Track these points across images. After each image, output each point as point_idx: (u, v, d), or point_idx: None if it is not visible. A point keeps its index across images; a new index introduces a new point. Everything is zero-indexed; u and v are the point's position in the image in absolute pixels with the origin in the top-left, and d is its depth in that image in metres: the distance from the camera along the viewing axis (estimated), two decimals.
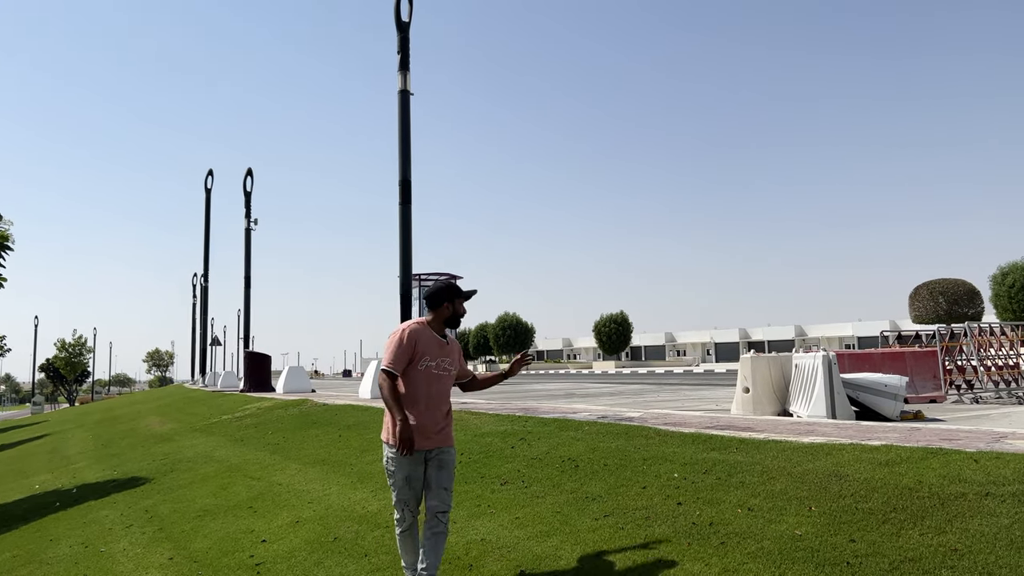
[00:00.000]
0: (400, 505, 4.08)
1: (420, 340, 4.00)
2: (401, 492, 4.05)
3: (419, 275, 33.13)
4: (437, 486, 4.04)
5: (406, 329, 4.01)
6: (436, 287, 4.17)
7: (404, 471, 4.01)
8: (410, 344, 3.97)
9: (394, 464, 4.02)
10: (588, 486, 5.76)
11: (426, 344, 4.02)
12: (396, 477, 4.03)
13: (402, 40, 14.85)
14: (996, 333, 14.20)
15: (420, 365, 4.00)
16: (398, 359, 3.95)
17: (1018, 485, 4.30)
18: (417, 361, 3.99)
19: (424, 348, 4.01)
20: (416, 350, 3.98)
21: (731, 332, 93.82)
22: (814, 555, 3.81)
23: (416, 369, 4.00)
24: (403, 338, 3.97)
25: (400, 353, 3.95)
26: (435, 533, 3.99)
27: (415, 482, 4.04)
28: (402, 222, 14.76)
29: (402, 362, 3.95)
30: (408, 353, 3.96)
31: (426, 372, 4.03)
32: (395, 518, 4.16)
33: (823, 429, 7.29)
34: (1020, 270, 45.72)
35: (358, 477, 7.61)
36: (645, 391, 21.15)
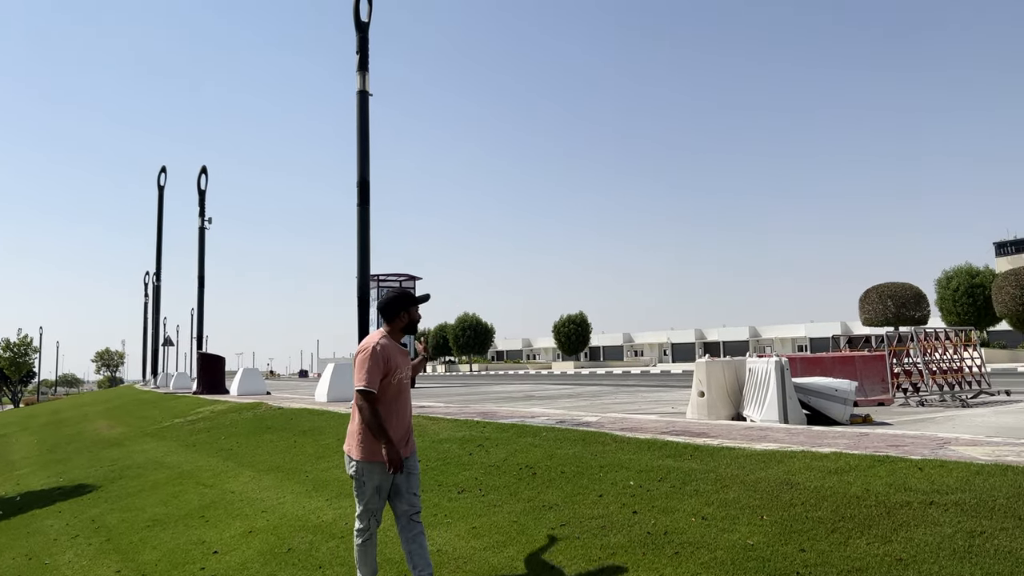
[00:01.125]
0: (367, 515, 4.07)
1: (391, 355, 3.98)
2: (371, 502, 4.04)
3: (377, 276, 32.89)
4: (408, 492, 4.07)
5: (376, 345, 3.94)
6: (390, 297, 4.13)
7: (376, 481, 3.99)
8: (383, 359, 3.93)
9: (366, 475, 3.98)
10: (545, 494, 5.78)
11: (395, 357, 4.01)
12: (367, 488, 4.00)
13: (361, 40, 14.72)
14: (941, 338, 14.61)
15: (393, 379, 3.99)
16: (374, 377, 3.89)
17: (961, 494, 4.43)
18: (391, 375, 3.97)
19: (395, 362, 4.00)
20: (389, 365, 3.95)
21: (687, 333, 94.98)
22: (765, 565, 3.88)
23: (390, 383, 3.98)
24: (376, 355, 3.91)
25: (376, 370, 3.90)
26: (416, 535, 4.03)
27: (385, 491, 4.06)
28: (360, 223, 14.63)
29: (377, 380, 3.91)
30: (382, 369, 3.92)
31: (398, 384, 4.03)
32: (358, 528, 4.12)
33: (775, 435, 7.43)
34: (964, 274, 47.16)
35: (313, 485, 7.52)
36: (603, 393, 21.29)
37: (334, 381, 17.12)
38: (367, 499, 4.03)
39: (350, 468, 4.06)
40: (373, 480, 3.99)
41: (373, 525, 4.11)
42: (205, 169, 30.15)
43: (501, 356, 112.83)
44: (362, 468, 3.98)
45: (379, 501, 4.07)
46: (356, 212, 14.64)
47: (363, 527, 4.10)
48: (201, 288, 29.10)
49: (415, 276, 34.29)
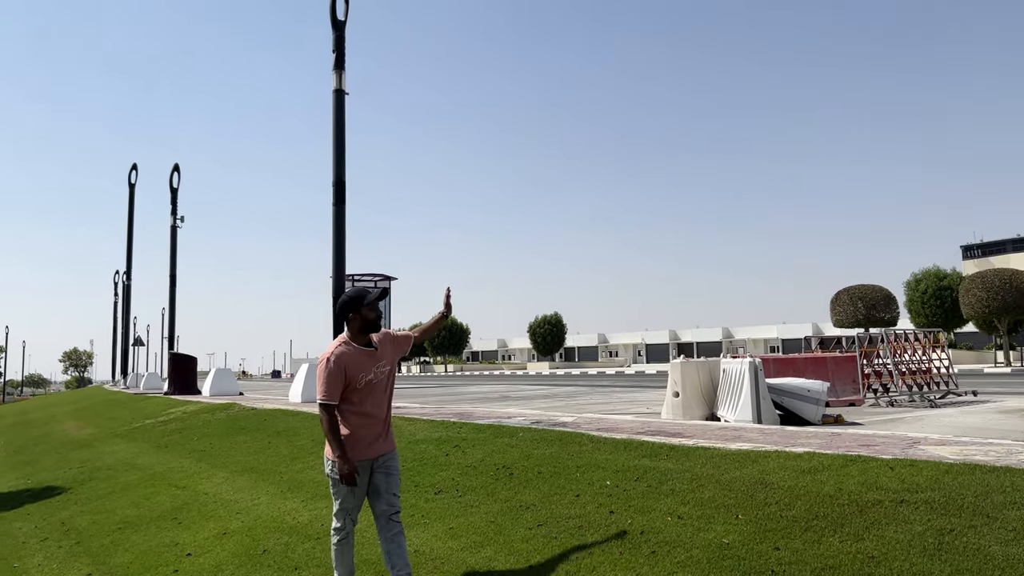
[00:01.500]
0: (342, 514, 4.07)
1: (349, 363, 3.94)
2: (345, 501, 4.05)
3: (353, 276, 32.70)
4: (387, 492, 4.06)
5: (331, 357, 3.92)
6: (340, 303, 4.08)
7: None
8: (339, 370, 3.90)
9: (339, 473, 3.97)
10: (522, 495, 5.79)
11: (356, 363, 3.96)
12: (342, 487, 4.01)
13: (337, 39, 14.63)
14: (910, 339, 14.87)
15: (359, 383, 3.97)
16: (332, 389, 3.90)
17: (930, 493, 4.52)
18: (355, 380, 3.95)
19: (356, 368, 3.96)
20: (347, 374, 3.92)
21: (661, 334, 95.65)
22: (741, 563, 3.92)
23: (357, 387, 3.96)
24: (332, 366, 3.89)
25: (332, 382, 3.89)
26: (395, 535, 4.02)
27: (360, 490, 4.05)
28: (335, 222, 14.54)
29: (336, 390, 3.91)
30: (340, 379, 3.90)
31: (366, 386, 4.00)
32: (334, 527, 4.12)
33: (749, 435, 7.51)
34: (932, 277, 48.04)
35: (288, 486, 7.46)
36: (578, 393, 21.38)
37: (308, 382, 17.00)
38: (342, 498, 4.04)
39: (327, 467, 4.07)
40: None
41: (349, 525, 4.11)
42: (177, 167, 29.78)
43: (476, 357, 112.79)
44: (337, 468, 3.98)
45: (355, 500, 4.06)
46: (332, 212, 14.55)
47: (339, 526, 4.10)
48: (173, 287, 28.73)
49: (390, 276, 34.15)
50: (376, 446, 4.06)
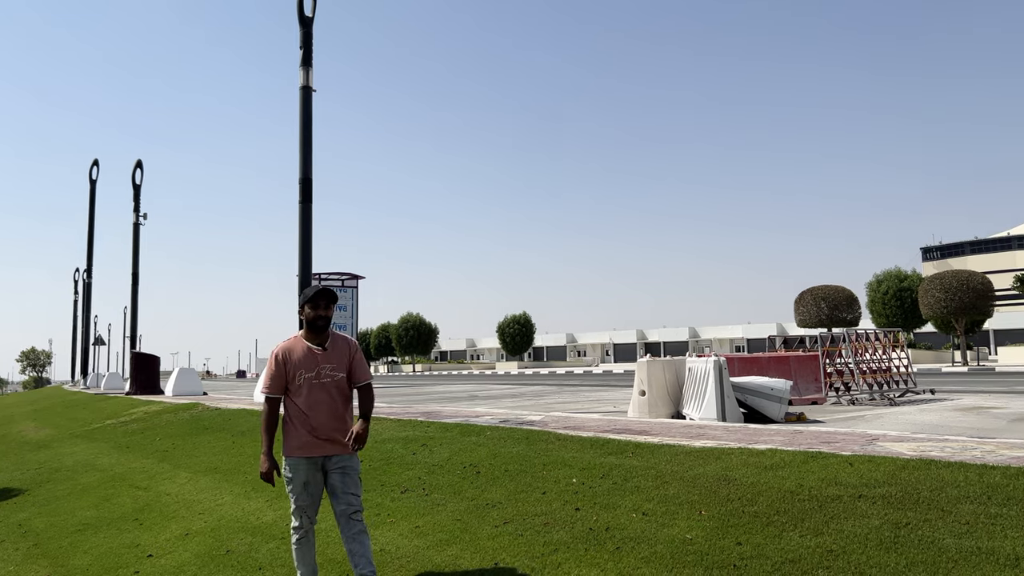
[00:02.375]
0: (298, 512, 4.05)
1: (291, 358, 4.01)
2: (300, 498, 4.01)
3: (319, 274, 32.39)
4: (343, 492, 4.01)
5: (277, 350, 4.04)
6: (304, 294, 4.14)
7: (302, 476, 3.98)
8: (280, 364, 4.00)
9: (291, 469, 3.98)
10: (489, 493, 5.80)
11: (299, 359, 4.01)
12: (294, 483, 4.00)
13: (305, 35, 14.51)
14: (871, 339, 15.17)
15: (298, 380, 4.00)
16: (273, 382, 4.01)
17: (887, 488, 4.62)
18: (293, 377, 4.00)
19: (297, 364, 4.00)
20: (287, 369, 4.00)
21: (629, 333, 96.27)
22: (703, 558, 3.97)
23: (296, 384, 4.00)
24: (274, 360, 4.02)
25: (273, 376, 4.01)
26: (356, 534, 3.98)
27: (313, 488, 4.02)
28: (302, 220, 14.42)
29: (278, 384, 4.00)
30: (281, 373, 4.00)
31: (306, 384, 4.01)
32: (293, 526, 4.09)
33: (713, 432, 7.60)
34: (893, 278, 49.00)
35: (252, 486, 7.38)
36: (546, 392, 21.45)
37: None
38: (296, 495, 4.01)
39: (282, 466, 4.07)
40: (299, 475, 3.98)
41: (307, 523, 4.08)
42: (140, 163, 29.25)
43: (445, 356, 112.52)
44: (288, 464, 4.00)
45: (308, 498, 4.02)
46: (298, 210, 14.43)
47: (297, 525, 4.07)
48: (135, 285, 28.23)
49: (358, 275, 33.84)
50: (326, 446, 4.01)
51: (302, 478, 3.98)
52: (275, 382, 4.00)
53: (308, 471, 3.98)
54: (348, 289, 33.49)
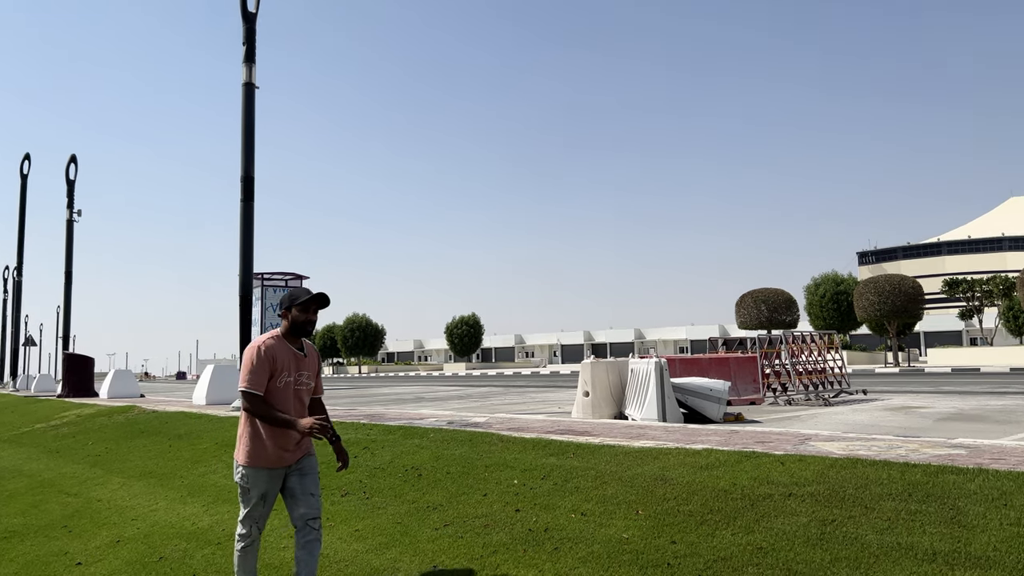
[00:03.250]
0: (249, 522, 3.87)
1: (277, 355, 3.78)
2: (254, 509, 3.84)
3: (262, 274, 31.78)
4: (303, 492, 3.87)
5: (262, 344, 3.76)
6: (284, 295, 4.00)
7: (261, 488, 3.81)
8: (268, 359, 3.74)
9: (250, 481, 3.79)
10: (430, 495, 5.80)
11: (283, 358, 3.81)
12: (252, 495, 3.81)
13: (248, 31, 14.25)
14: (807, 341, 15.61)
15: (279, 382, 3.79)
16: (258, 378, 3.71)
17: (816, 486, 4.78)
18: (276, 377, 3.78)
19: (282, 363, 3.79)
20: (275, 366, 3.76)
21: (576, 335, 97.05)
22: (639, 557, 4.05)
23: (275, 385, 3.78)
24: (260, 354, 3.73)
25: (259, 370, 3.71)
26: (308, 542, 3.82)
27: (271, 499, 3.87)
28: (243, 219, 14.16)
29: (262, 380, 3.71)
30: (267, 369, 3.73)
31: (285, 388, 3.82)
32: (240, 533, 3.91)
33: (653, 432, 7.74)
34: (830, 282, 50.49)
35: (188, 491, 7.23)
36: (493, 393, 21.49)
37: (214, 383, 16.50)
38: (252, 506, 3.84)
39: (236, 474, 3.86)
40: (259, 487, 3.80)
41: (255, 532, 3.93)
42: (75, 158, 28.31)
43: (392, 358, 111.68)
44: (247, 474, 3.79)
45: (264, 508, 3.88)
46: (240, 208, 14.16)
47: (245, 532, 3.89)
48: (68, 284, 27.29)
49: (302, 275, 33.28)
50: (292, 453, 3.87)
51: (261, 489, 3.81)
52: (260, 378, 3.69)
53: (269, 483, 3.81)
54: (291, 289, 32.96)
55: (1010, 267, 79.95)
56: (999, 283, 47.85)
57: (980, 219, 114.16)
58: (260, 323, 31.31)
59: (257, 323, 30.84)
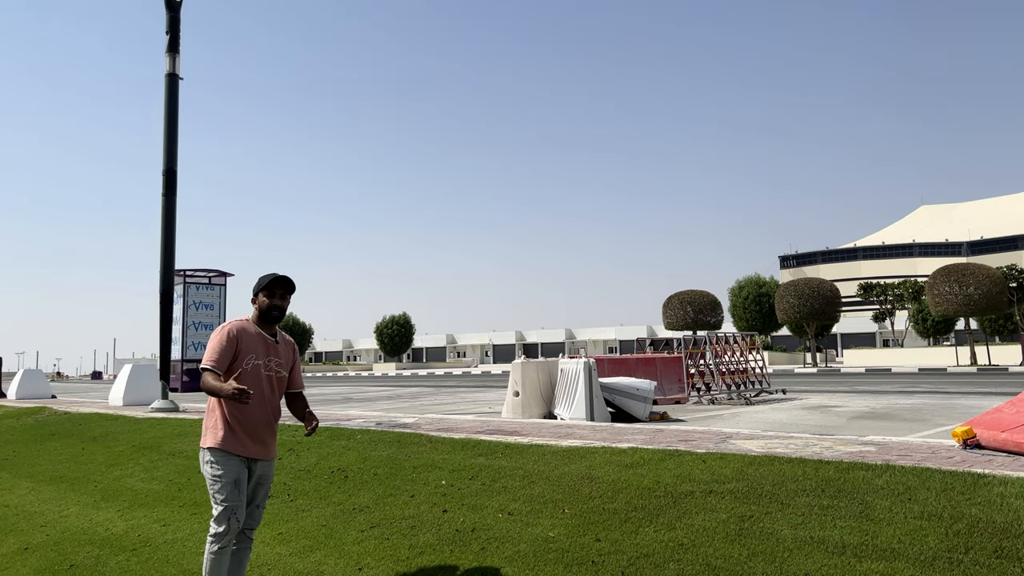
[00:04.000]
0: (227, 513, 3.63)
1: (243, 337, 3.72)
2: (230, 497, 3.63)
3: (184, 271, 30.83)
4: (252, 503, 3.82)
5: (228, 326, 3.73)
6: (258, 279, 3.86)
7: (233, 473, 3.64)
8: (232, 341, 3.68)
9: (222, 466, 3.62)
10: (356, 497, 5.73)
11: (250, 342, 3.74)
12: (224, 480, 3.62)
13: (172, 20, 13.79)
14: (731, 341, 16.06)
15: (246, 364, 3.70)
16: (220, 356, 3.64)
17: (735, 483, 4.93)
18: (242, 359, 3.69)
19: (248, 345, 3.72)
20: (239, 347, 3.69)
21: (508, 334, 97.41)
22: (564, 555, 4.10)
23: (243, 368, 3.69)
24: (226, 335, 3.69)
25: (222, 350, 3.64)
26: (240, 550, 3.81)
27: (243, 486, 3.69)
28: (165, 214, 13.70)
29: (225, 360, 3.64)
30: (230, 350, 3.67)
31: (254, 371, 3.72)
32: (215, 532, 3.62)
33: (581, 432, 7.83)
34: (753, 284, 52.07)
35: (102, 495, 6.96)
36: (423, 394, 21.36)
37: (132, 383, 15.91)
38: (226, 494, 3.62)
39: (204, 463, 3.69)
40: (231, 471, 3.64)
41: (235, 526, 3.64)
42: None
43: (320, 357, 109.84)
44: (218, 458, 3.64)
45: (239, 497, 3.66)
46: (161, 203, 13.70)
47: (222, 530, 3.62)
48: None
49: (226, 272, 32.44)
50: (260, 446, 3.77)
51: (233, 475, 3.64)
52: (223, 357, 3.63)
53: (239, 469, 3.67)
54: (215, 286, 32.07)
55: (920, 272, 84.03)
56: (909, 287, 50.24)
57: (893, 226, 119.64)
58: (182, 321, 30.37)
59: (179, 321, 29.93)
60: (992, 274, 35.78)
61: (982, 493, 4.24)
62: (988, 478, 4.49)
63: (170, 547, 5.16)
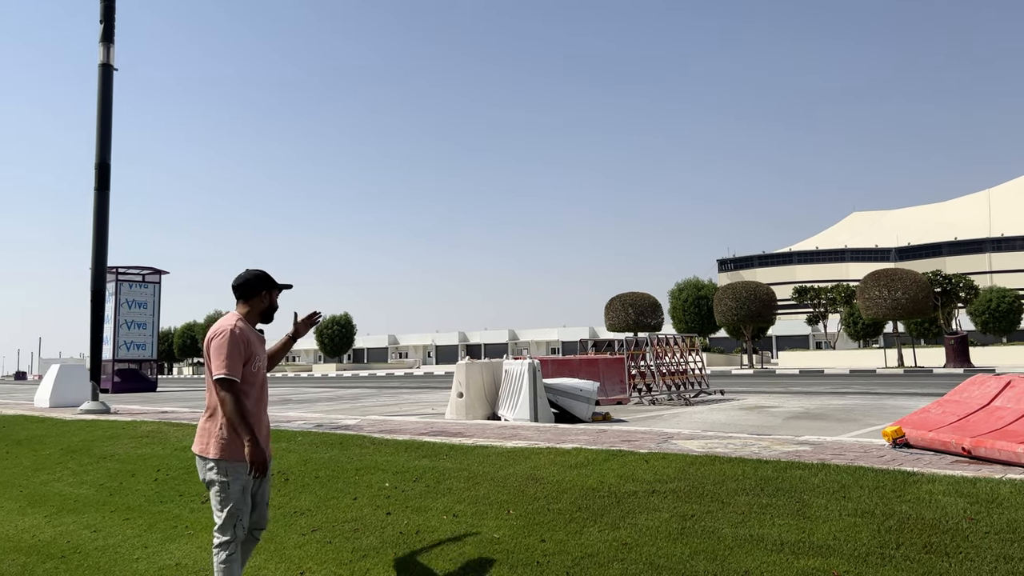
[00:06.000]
0: (231, 523, 3.52)
1: (251, 338, 3.57)
2: (237, 504, 3.53)
3: (116, 268, 29.83)
4: (261, 500, 3.73)
5: (235, 328, 3.52)
6: (252, 275, 3.70)
7: (241, 481, 3.53)
8: (244, 343, 3.51)
9: (230, 475, 3.49)
10: (297, 500, 5.63)
11: (254, 341, 3.61)
12: (232, 489, 3.50)
13: (106, 9, 13.33)
14: (671, 343, 16.32)
15: (254, 366, 3.57)
16: (236, 363, 3.45)
17: (677, 483, 5.00)
18: (251, 362, 3.55)
19: (254, 346, 3.59)
20: (250, 350, 3.54)
21: (451, 335, 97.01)
22: (509, 556, 4.10)
23: (250, 371, 3.55)
24: (236, 338, 3.48)
25: (238, 355, 3.46)
26: (249, 550, 3.79)
27: (248, 492, 3.59)
28: (97, 209, 13.25)
29: (239, 366, 3.47)
30: (244, 354, 3.50)
31: (258, 373, 3.61)
32: (222, 541, 3.52)
33: (525, 433, 7.85)
34: (692, 287, 53.07)
35: (28, 501, 6.67)
36: (365, 395, 21.11)
37: (60, 383, 15.32)
38: (233, 503, 3.51)
39: (208, 471, 3.52)
40: (239, 480, 3.51)
41: (240, 534, 3.56)
42: None
43: None
44: (226, 467, 3.49)
45: (245, 504, 3.57)
46: (94, 197, 13.23)
47: (229, 539, 3.53)
48: None
49: (161, 270, 31.52)
50: (268, 446, 3.71)
51: (241, 483, 3.53)
52: (239, 364, 3.44)
53: (246, 477, 3.53)
54: (149, 284, 31.14)
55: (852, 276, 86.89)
56: (841, 291, 51.89)
57: (826, 231, 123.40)
58: (114, 320, 29.37)
59: (110, 320, 28.93)
60: (919, 279, 37.22)
61: (912, 491, 4.40)
62: (917, 476, 4.67)
63: (101, 554, 4.98)
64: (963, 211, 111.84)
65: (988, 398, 5.92)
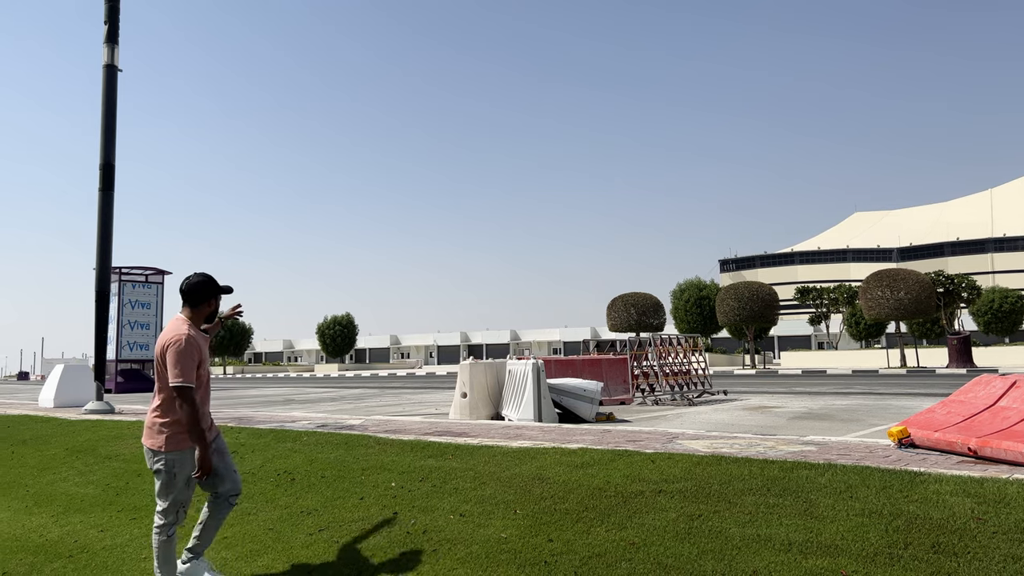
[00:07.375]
0: (174, 508, 3.94)
1: (201, 344, 3.89)
2: (180, 494, 3.93)
3: (120, 268, 29.88)
4: (227, 470, 4.07)
5: (188, 336, 3.81)
6: (198, 281, 3.99)
7: (187, 469, 3.90)
8: (197, 352, 3.82)
9: (177, 466, 3.86)
10: (304, 500, 5.64)
11: (203, 346, 3.93)
12: (178, 479, 3.88)
13: (110, 9, 13.36)
14: (673, 343, 16.32)
15: (202, 369, 3.89)
16: (191, 370, 3.77)
17: (684, 483, 5.01)
18: (201, 366, 3.87)
19: (204, 351, 3.92)
20: (201, 355, 3.86)
21: (453, 335, 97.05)
22: (516, 556, 4.10)
23: (200, 375, 3.87)
24: (191, 347, 3.79)
25: (192, 363, 3.78)
26: (222, 515, 4.07)
27: (192, 481, 3.95)
28: (102, 209, 13.26)
29: (194, 372, 3.80)
30: (196, 359, 3.82)
31: (204, 374, 3.94)
32: (163, 523, 3.93)
33: (530, 433, 7.86)
34: (694, 287, 53.05)
35: (35, 500, 6.69)
36: (368, 395, 21.13)
37: (64, 384, 15.35)
38: (177, 491, 3.91)
39: (155, 463, 3.88)
40: (186, 469, 3.89)
41: (182, 517, 4.00)
42: None
43: (260, 358, 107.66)
44: (172, 460, 3.86)
45: (188, 492, 3.96)
46: (98, 198, 13.25)
47: (170, 521, 3.95)
48: None
49: (164, 270, 31.54)
50: (208, 435, 3.99)
51: (187, 471, 3.89)
52: (193, 371, 3.77)
53: (191, 465, 3.88)
54: (152, 285, 31.16)
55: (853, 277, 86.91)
56: (843, 292, 51.89)
57: (828, 232, 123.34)
58: (117, 320, 29.39)
59: (114, 320, 28.96)
60: (921, 280, 37.20)
61: (919, 491, 4.40)
62: (924, 476, 4.67)
63: (109, 553, 4.99)
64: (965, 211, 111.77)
65: (994, 398, 5.91)
